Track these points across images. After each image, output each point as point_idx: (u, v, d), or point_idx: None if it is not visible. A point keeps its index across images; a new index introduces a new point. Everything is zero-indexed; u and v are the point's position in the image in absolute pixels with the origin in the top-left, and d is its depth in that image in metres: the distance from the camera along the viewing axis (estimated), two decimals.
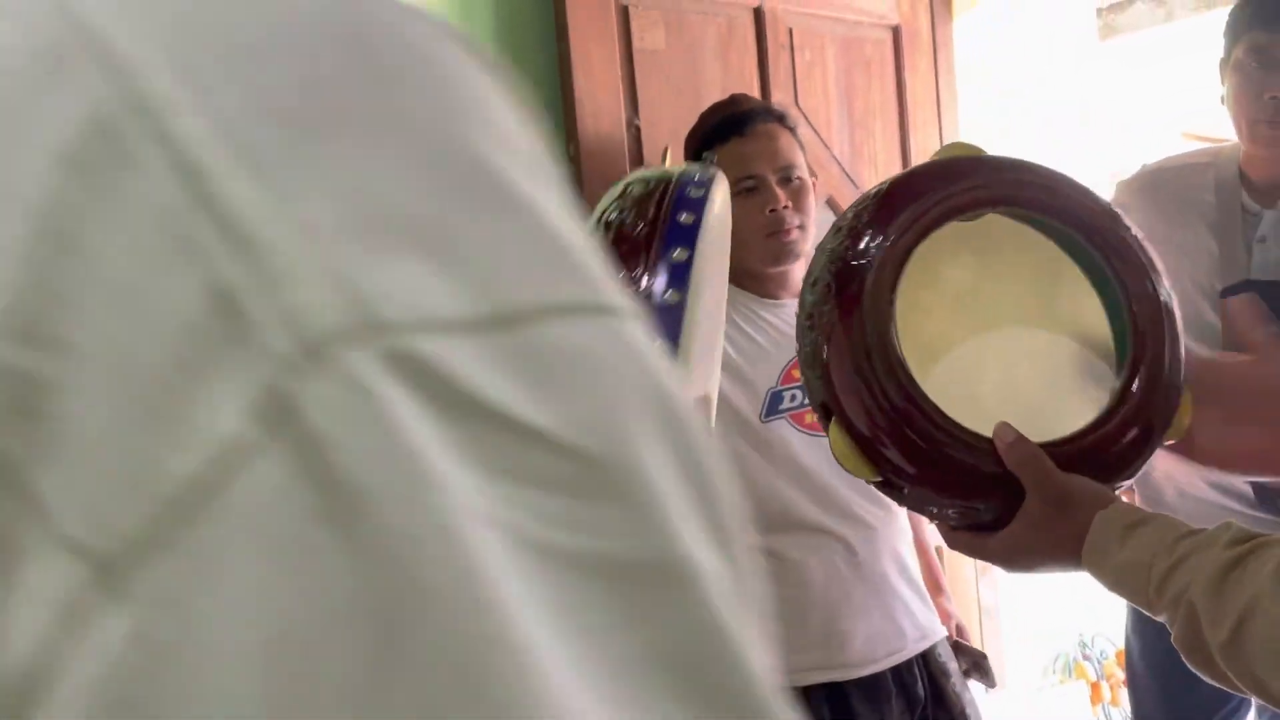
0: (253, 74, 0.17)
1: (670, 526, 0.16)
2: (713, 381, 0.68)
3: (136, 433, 0.14)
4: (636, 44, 1.75)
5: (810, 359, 0.80)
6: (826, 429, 0.80)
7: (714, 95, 1.83)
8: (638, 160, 1.75)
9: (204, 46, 0.17)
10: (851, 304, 0.77)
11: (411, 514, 0.14)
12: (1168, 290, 0.80)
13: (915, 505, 0.84)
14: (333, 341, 0.14)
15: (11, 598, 0.13)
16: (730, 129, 1.48)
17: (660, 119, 1.77)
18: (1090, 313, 0.82)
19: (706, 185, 0.58)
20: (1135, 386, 0.77)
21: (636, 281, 0.53)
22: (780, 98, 1.92)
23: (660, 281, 0.52)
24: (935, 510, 0.80)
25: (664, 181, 0.58)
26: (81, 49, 0.16)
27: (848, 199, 2.00)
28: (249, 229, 0.15)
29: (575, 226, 0.19)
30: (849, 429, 0.77)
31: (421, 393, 0.14)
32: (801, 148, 1.52)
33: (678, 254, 0.53)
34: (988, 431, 0.77)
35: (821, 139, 1.99)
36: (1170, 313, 0.80)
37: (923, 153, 2.02)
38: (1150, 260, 0.80)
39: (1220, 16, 1.41)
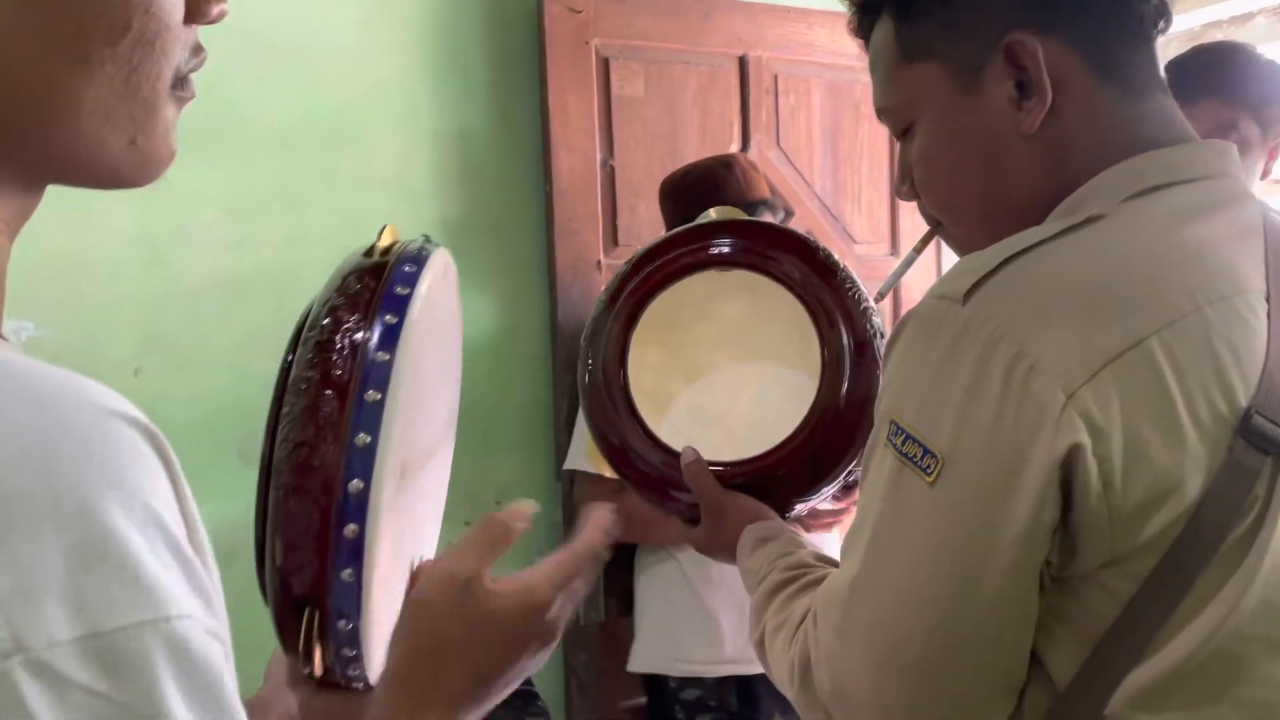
0: None
1: None
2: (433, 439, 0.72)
3: None
4: (615, 91, 1.93)
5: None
6: None
7: (691, 137, 2.00)
8: (610, 197, 1.94)
9: None
10: (591, 355, 0.96)
11: None
12: (863, 334, 0.93)
13: (652, 502, 1.00)
14: (0, 657, 0.28)
15: None
16: None
17: (634, 160, 1.95)
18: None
19: (419, 265, 0.60)
20: (803, 424, 0.91)
21: (353, 334, 0.56)
22: (760, 139, 2.07)
23: (374, 338, 0.56)
24: (669, 507, 0.97)
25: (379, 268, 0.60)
26: None
27: (827, 232, 2.13)
28: None
29: (166, 555, 0.32)
30: (599, 442, 0.97)
31: (40, 678, 0.29)
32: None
33: (389, 318, 0.56)
34: (728, 443, 0.94)
35: (804, 177, 2.12)
36: (856, 352, 0.92)
37: None
38: (848, 307, 0.93)
39: None
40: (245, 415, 1.58)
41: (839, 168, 2.16)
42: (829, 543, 1.51)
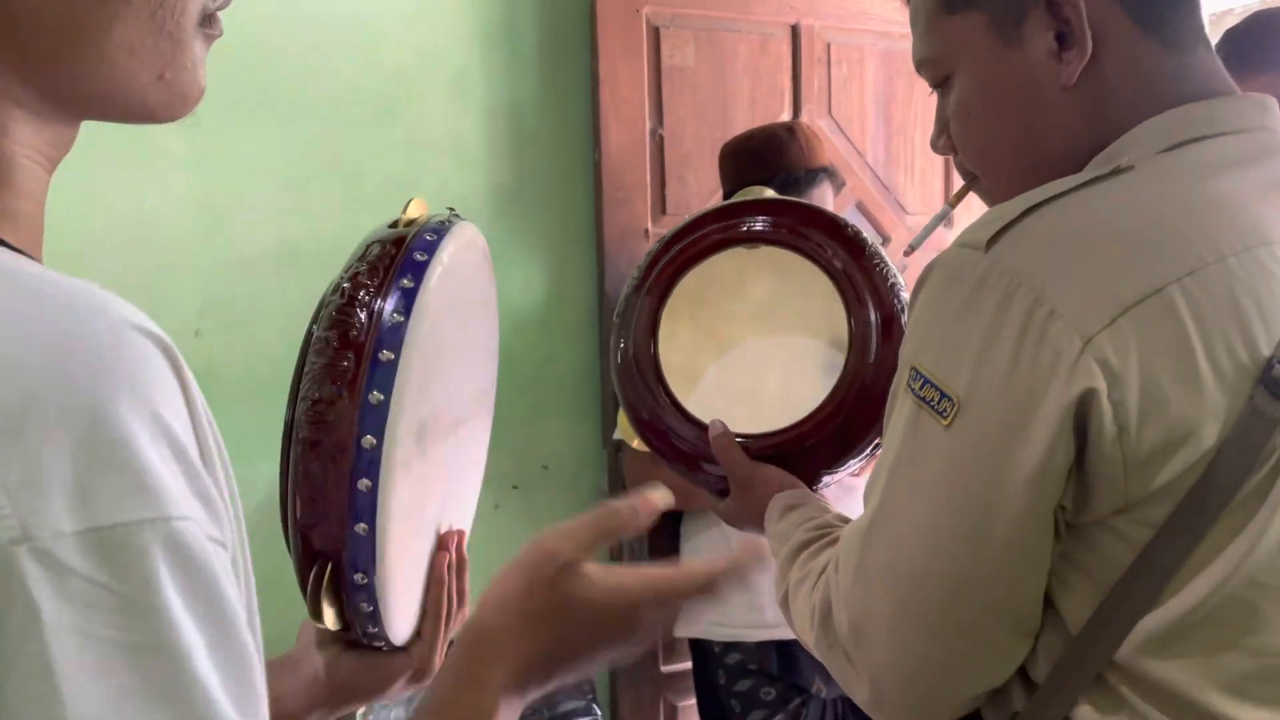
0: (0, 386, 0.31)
1: (166, 625, 0.32)
2: (450, 403, 0.71)
3: None
4: (666, 60, 1.93)
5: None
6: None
7: (741, 107, 1.99)
8: (659, 167, 1.94)
9: None
10: (622, 332, 0.98)
11: (25, 625, 0.30)
12: (890, 309, 0.93)
13: (684, 474, 1.02)
14: (7, 545, 0.30)
15: None
16: None
17: (683, 130, 1.95)
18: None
19: (440, 235, 0.62)
20: (830, 397, 0.92)
21: (371, 298, 0.59)
22: (812, 108, 2.05)
23: (390, 302, 0.58)
24: (697, 479, 0.98)
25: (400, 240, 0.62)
26: None
27: (879, 202, 2.12)
28: None
29: (171, 460, 0.34)
30: (630, 415, 0.98)
31: (43, 565, 0.30)
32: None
33: (406, 283, 0.59)
34: (755, 416, 0.95)
35: (855, 147, 2.10)
36: (884, 328, 0.93)
37: None
38: (876, 283, 0.94)
39: None
40: None
41: (892, 137, 2.14)
42: (858, 489, 1.52)
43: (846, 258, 0.94)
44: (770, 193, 1.04)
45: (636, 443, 1.00)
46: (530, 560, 0.54)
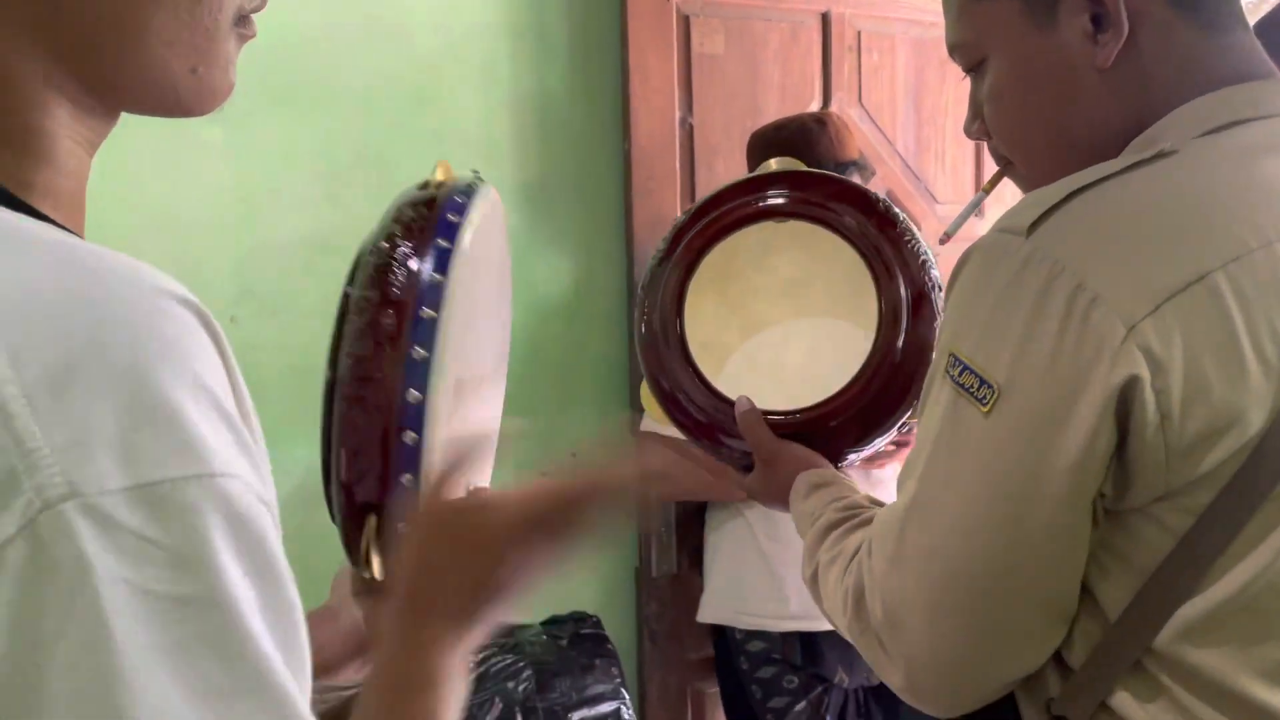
0: (45, 349, 0.32)
1: (216, 577, 0.32)
2: (486, 362, 0.74)
3: None
4: (696, 49, 1.93)
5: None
6: None
7: (771, 96, 1.98)
8: (689, 156, 1.94)
9: (22, 329, 0.32)
10: (646, 304, 0.98)
11: (78, 578, 0.30)
12: (921, 286, 0.93)
13: (705, 449, 1.02)
14: (56, 500, 0.30)
15: None
16: None
17: (713, 119, 1.95)
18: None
19: (469, 197, 0.63)
20: (858, 375, 0.92)
21: (409, 257, 0.60)
22: (842, 97, 2.05)
23: (428, 261, 0.60)
24: (720, 454, 0.99)
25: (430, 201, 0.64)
26: None
27: (909, 191, 2.11)
28: (28, 444, 0.31)
29: (214, 419, 0.34)
30: (652, 386, 0.99)
31: (92, 520, 0.31)
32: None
33: (441, 242, 0.60)
34: (780, 393, 0.96)
35: (885, 135, 2.09)
36: (914, 305, 0.92)
37: None
38: (907, 259, 0.93)
39: None
40: None
41: (922, 126, 2.12)
42: (884, 481, 1.52)
43: (877, 233, 0.94)
44: (799, 164, 1.03)
45: (655, 412, 1.00)
46: (424, 513, 0.55)
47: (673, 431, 1.03)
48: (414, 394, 0.56)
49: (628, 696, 1.67)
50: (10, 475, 0.30)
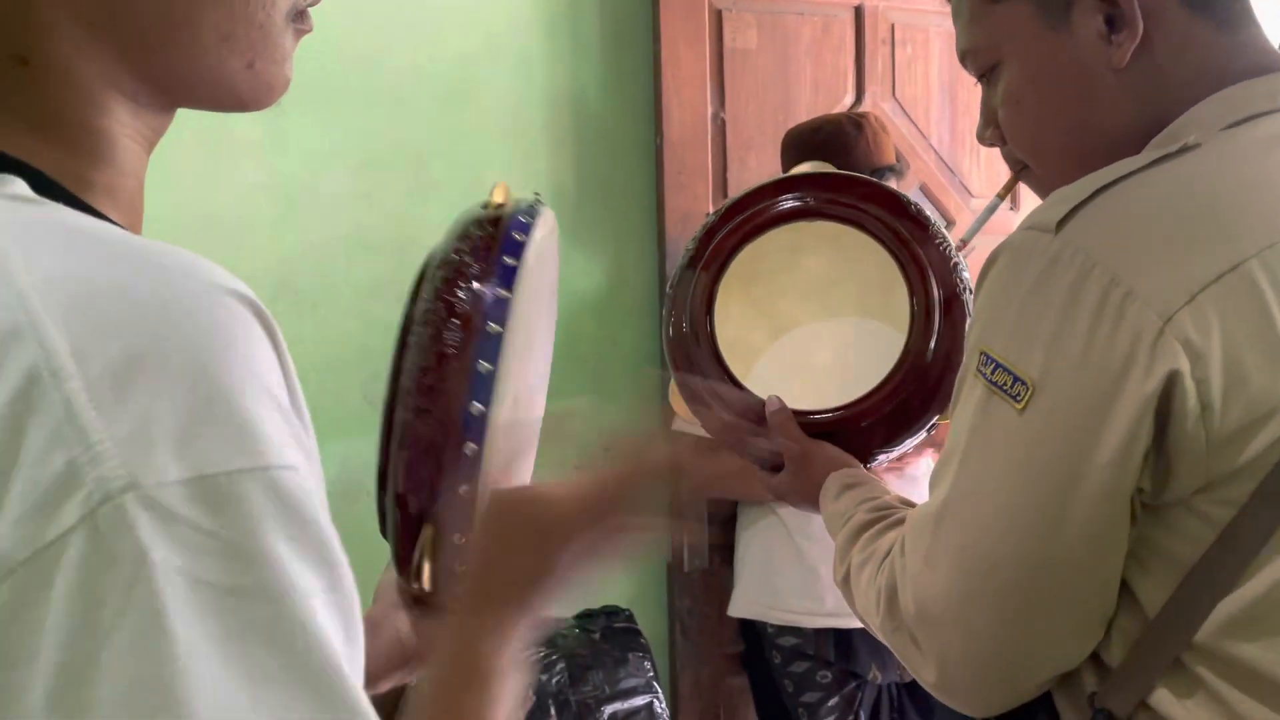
0: (106, 344, 0.32)
1: (274, 570, 0.32)
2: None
3: (35, 514, 0.31)
4: (728, 44, 1.92)
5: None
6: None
7: (804, 90, 1.98)
8: (720, 150, 1.94)
9: (84, 325, 0.32)
10: (676, 306, 0.99)
11: (136, 569, 0.31)
12: (952, 287, 0.93)
13: (730, 446, 1.02)
14: (116, 493, 0.31)
15: None
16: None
17: (745, 113, 1.94)
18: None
19: (533, 217, 0.64)
20: (890, 375, 0.92)
21: (475, 273, 0.61)
22: (875, 90, 2.04)
23: (495, 277, 0.60)
24: (746, 454, 0.99)
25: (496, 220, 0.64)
26: (28, 327, 0.32)
27: (943, 185, 2.09)
28: (90, 437, 0.31)
29: (271, 412, 0.35)
30: (681, 388, 0.99)
31: (150, 512, 0.31)
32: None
33: (508, 260, 0.61)
34: (808, 393, 0.96)
35: (920, 129, 2.08)
36: (946, 306, 0.92)
37: None
38: (938, 262, 0.93)
39: None
40: (370, 358, 1.67)
41: (957, 120, 2.11)
42: (917, 479, 1.52)
43: (909, 236, 0.94)
44: (830, 168, 1.04)
45: (683, 410, 1.01)
46: (487, 514, 0.56)
47: (703, 431, 1.03)
48: (477, 406, 0.57)
49: (660, 690, 1.68)
50: (72, 467, 0.31)
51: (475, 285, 0.59)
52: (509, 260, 0.60)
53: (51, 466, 0.31)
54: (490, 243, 0.61)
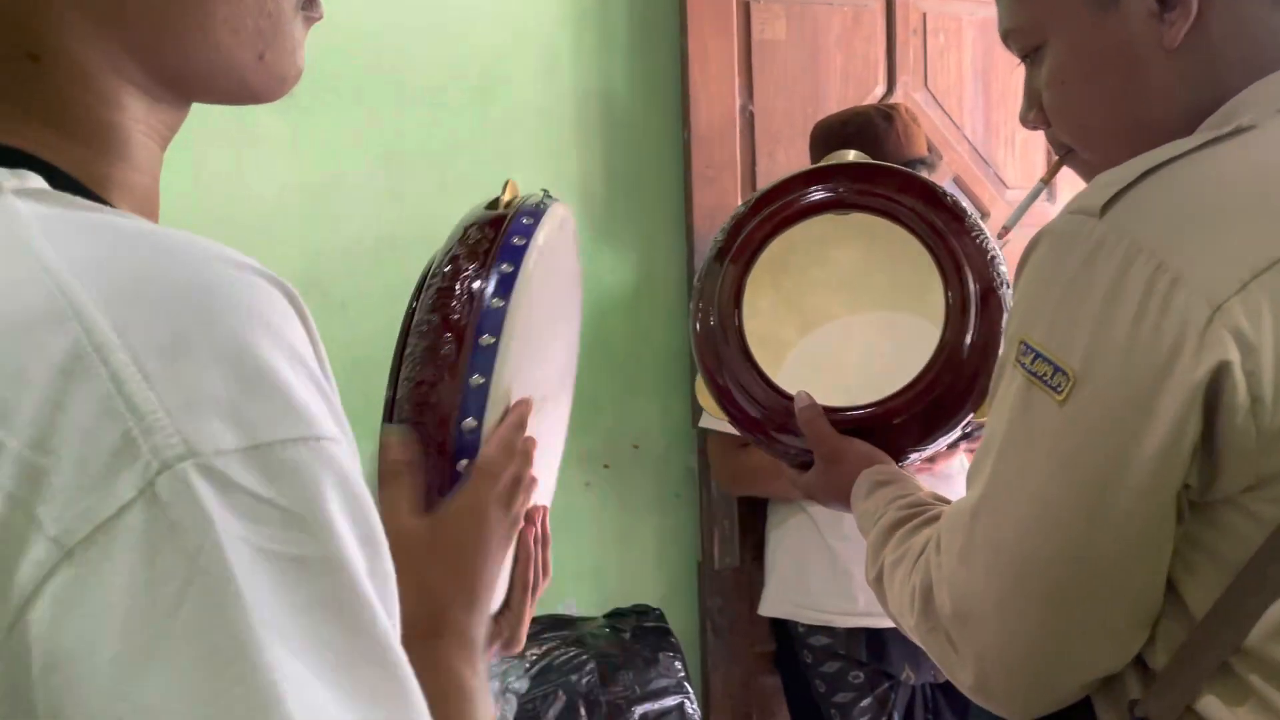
0: (149, 323, 0.32)
1: (334, 540, 0.32)
2: (549, 387, 0.72)
3: (91, 489, 0.30)
4: (756, 35, 1.90)
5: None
6: None
7: (833, 81, 1.95)
8: (749, 143, 1.92)
9: (124, 306, 0.32)
10: (703, 299, 0.97)
11: (201, 536, 0.30)
12: (989, 281, 0.90)
13: (763, 445, 1.00)
14: (173, 461, 0.30)
15: (21, 560, 0.29)
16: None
17: (774, 105, 1.92)
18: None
19: (536, 218, 0.63)
20: (923, 371, 0.89)
21: (471, 281, 0.60)
22: (907, 81, 2.00)
23: (490, 285, 0.60)
24: (775, 450, 0.97)
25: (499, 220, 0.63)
26: (68, 309, 0.31)
27: (977, 177, 2.06)
28: (142, 408, 0.30)
29: (311, 387, 0.34)
30: (708, 381, 0.98)
31: (209, 480, 0.30)
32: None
33: (505, 267, 0.60)
34: (840, 389, 0.94)
35: (953, 120, 2.05)
36: (982, 301, 0.90)
37: None
38: (974, 255, 0.90)
39: None
40: None
41: (991, 110, 2.07)
42: (951, 476, 1.49)
43: (944, 227, 0.92)
44: (863, 157, 1.01)
45: (711, 407, 0.99)
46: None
47: (731, 427, 1.02)
48: (470, 422, 0.56)
49: (691, 690, 1.66)
50: (126, 439, 0.30)
51: (471, 294, 0.58)
52: (506, 267, 0.59)
53: (103, 441, 0.30)
54: (489, 248, 0.60)
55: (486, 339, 0.57)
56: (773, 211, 0.96)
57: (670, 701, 1.60)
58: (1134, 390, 0.59)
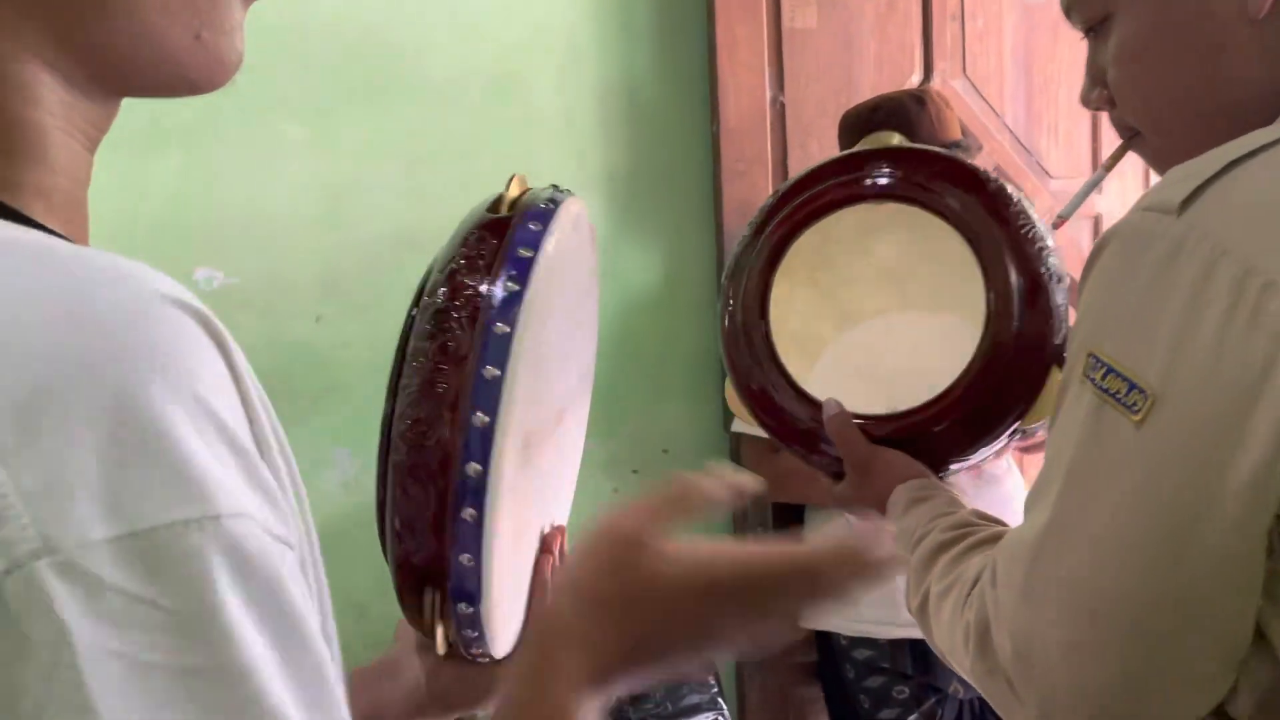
0: (10, 379, 0.27)
1: (229, 645, 0.27)
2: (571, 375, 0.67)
3: None
4: (786, 24, 1.83)
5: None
6: None
7: (868, 70, 1.88)
8: (780, 136, 1.85)
9: None
10: (730, 299, 0.90)
11: (55, 653, 0.25)
12: (1036, 274, 0.82)
13: (796, 453, 0.93)
14: (25, 559, 0.26)
15: None
16: None
17: (806, 96, 1.85)
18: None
19: (544, 223, 0.55)
20: (964, 376, 0.82)
21: (472, 302, 0.52)
22: (944, 68, 1.93)
23: (494, 308, 0.52)
24: (810, 459, 0.90)
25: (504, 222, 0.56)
26: None
27: (1019, 167, 1.97)
28: None
29: (221, 448, 0.29)
30: (736, 385, 0.91)
31: (69, 580, 0.26)
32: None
33: (510, 285, 0.53)
34: (878, 393, 0.87)
35: (993, 108, 1.97)
36: (1028, 296, 0.82)
37: None
38: (1020, 245, 0.83)
39: None
40: None
41: (1033, 97, 1.99)
42: (998, 479, 1.42)
43: (986, 215, 0.84)
44: (900, 139, 0.94)
45: (741, 411, 0.93)
46: (604, 541, 0.46)
47: (762, 431, 0.95)
48: (475, 467, 0.49)
49: (725, 706, 1.60)
50: None
51: (472, 318, 0.51)
52: (511, 285, 0.51)
53: None
54: (492, 260, 0.52)
55: (491, 371, 0.50)
56: (802, 202, 0.90)
57: (704, 719, 1.54)
58: (1221, 410, 0.53)
